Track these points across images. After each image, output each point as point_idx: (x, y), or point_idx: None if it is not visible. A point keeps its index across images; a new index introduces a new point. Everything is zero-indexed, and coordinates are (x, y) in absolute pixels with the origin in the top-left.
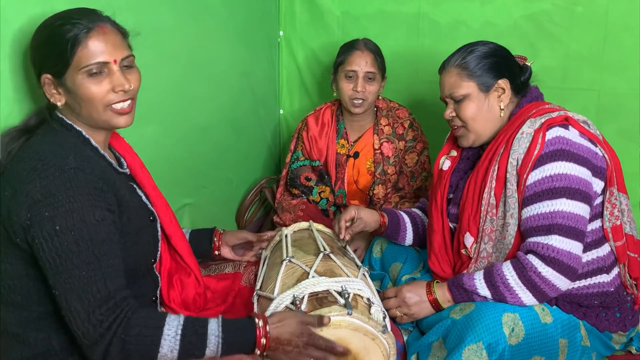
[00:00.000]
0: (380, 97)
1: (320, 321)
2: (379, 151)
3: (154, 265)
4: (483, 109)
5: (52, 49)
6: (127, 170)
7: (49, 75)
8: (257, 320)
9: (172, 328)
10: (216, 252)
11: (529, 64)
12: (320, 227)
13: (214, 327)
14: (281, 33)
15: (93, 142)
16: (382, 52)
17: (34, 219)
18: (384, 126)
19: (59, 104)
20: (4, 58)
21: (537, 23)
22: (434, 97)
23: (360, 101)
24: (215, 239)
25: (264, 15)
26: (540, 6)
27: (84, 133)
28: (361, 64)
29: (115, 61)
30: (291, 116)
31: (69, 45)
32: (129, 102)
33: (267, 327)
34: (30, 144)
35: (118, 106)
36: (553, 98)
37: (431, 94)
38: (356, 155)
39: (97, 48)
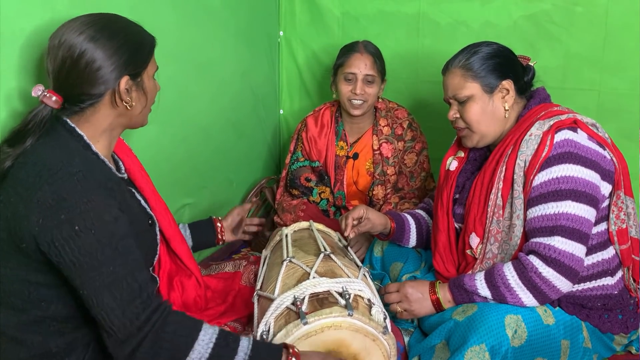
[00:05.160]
0: (379, 98)
1: None
2: (378, 152)
3: (151, 268)
4: (487, 110)
5: (137, 48)
6: (125, 174)
7: (127, 77)
8: (286, 349)
9: (207, 335)
10: (220, 242)
11: (532, 64)
12: (321, 226)
13: (245, 344)
14: (281, 33)
15: (94, 148)
16: (382, 53)
17: (48, 224)
18: (383, 127)
19: (134, 104)
20: (4, 58)
21: (537, 23)
22: (434, 97)
23: (359, 102)
24: (217, 228)
25: (264, 15)
26: (540, 6)
27: (85, 138)
28: (360, 66)
29: None
30: (291, 116)
31: (152, 45)
32: None
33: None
34: (32, 149)
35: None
36: (553, 98)
37: (431, 94)
38: (355, 156)
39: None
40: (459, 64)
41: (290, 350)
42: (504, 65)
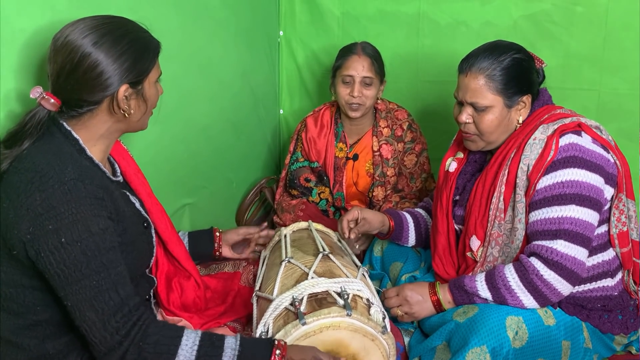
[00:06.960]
0: (379, 99)
1: None
2: (378, 153)
3: (148, 269)
4: (503, 122)
5: (139, 56)
6: (120, 178)
7: (126, 86)
8: (276, 342)
9: (190, 339)
10: (217, 253)
11: (544, 66)
12: (320, 227)
13: (231, 341)
14: (281, 33)
15: (88, 152)
16: (382, 53)
17: (37, 232)
18: (383, 128)
19: (132, 111)
20: (3, 58)
21: (537, 23)
22: (434, 97)
23: (357, 105)
24: (215, 239)
25: (264, 15)
26: (540, 6)
27: (80, 142)
28: (358, 68)
29: None
30: (291, 116)
31: (156, 52)
32: None
33: (285, 350)
34: (26, 154)
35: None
36: (553, 98)
37: (431, 95)
38: (355, 157)
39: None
40: (484, 72)
41: (276, 342)
42: (527, 79)
